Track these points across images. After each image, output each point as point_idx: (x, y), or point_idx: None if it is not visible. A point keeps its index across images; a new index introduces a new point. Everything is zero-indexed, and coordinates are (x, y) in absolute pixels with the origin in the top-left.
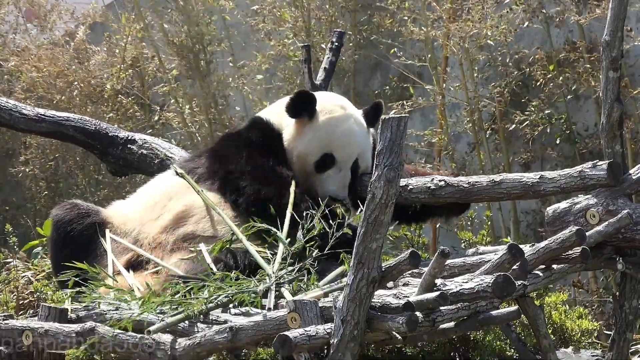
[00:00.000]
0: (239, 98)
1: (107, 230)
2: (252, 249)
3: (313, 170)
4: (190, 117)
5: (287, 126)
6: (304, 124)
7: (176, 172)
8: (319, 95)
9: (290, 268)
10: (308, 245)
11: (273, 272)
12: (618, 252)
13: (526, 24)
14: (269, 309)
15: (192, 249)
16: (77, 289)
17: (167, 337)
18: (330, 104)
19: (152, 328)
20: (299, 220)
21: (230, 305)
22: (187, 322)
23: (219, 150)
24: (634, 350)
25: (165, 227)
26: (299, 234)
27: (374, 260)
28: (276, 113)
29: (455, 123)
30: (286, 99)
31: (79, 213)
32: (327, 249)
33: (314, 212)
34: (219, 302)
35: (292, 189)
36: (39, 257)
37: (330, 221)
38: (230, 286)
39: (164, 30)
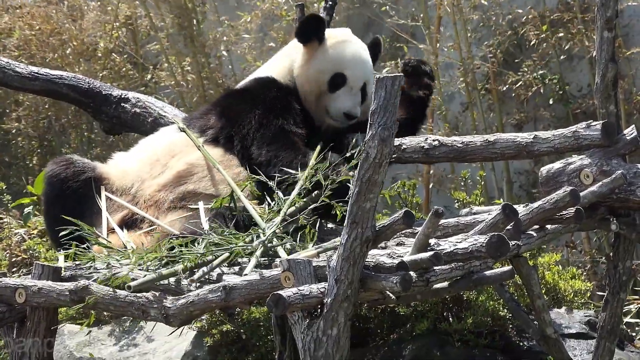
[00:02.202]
0: (231, 57)
1: (102, 188)
2: (250, 206)
3: (326, 89)
4: (181, 76)
5: (294, 60)
6: (314, 48)
7: (179, 127)
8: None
9: (280, 222)
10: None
11: (268, 230)
12: (612, 212)
13: None
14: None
15: (190, 206)
16: (71, 250)
17: (160, 296)
18: (337, 32)
19: (132, 284)
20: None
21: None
22: (174, 280)
23: (229, 110)
24: (627, 310)
25: (165, 185)
26: (297, 189)
27: (367, 219)
28: (276, 67)
29: (448, 83)
30: (281, 52)
31: (75, 170)
32: (319, 200)
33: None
34: (212, 258)
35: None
36: (31, 217)
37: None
38: (226, 243)
39: None
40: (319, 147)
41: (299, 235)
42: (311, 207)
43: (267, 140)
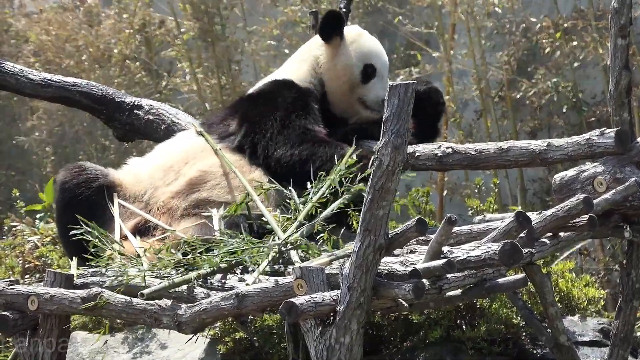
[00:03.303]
0: (249, 64)
1: (114, 195)
2: (266, 210)
3: (359, 81)
4: (201, 81)
5: (318, 60)
6: (337, 44)
7: (197, 131)
8: None
9: (297, 232)
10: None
11: (283, 237)
12: (625, 220)
13: None
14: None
15: (203, 214)
16: (89, 253)
17: (173, 303)
18: (351, 28)
19: (145, 291)
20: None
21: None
22: (186, 288)
23: (249, 114)
24: None
25: (178, 192)
26: (312, 194)
27: (380, 227)
28: (294, 70)
29: (462, 90)
30: (297, 56)
31: (87, 177)
32: (336, 208)
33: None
34: (227, 264)
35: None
36: (41, 223)
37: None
38: (241, 249)
39: None
40: (350, 150)
41: (315, 242)
42: (325, 214)
43: (295, 140)
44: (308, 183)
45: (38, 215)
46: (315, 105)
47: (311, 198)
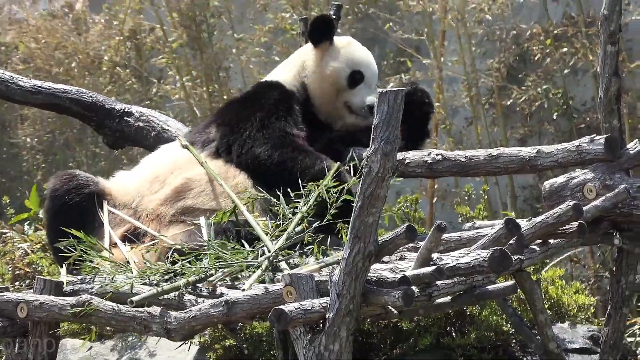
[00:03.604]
0: (238, 71)
1: (104, 202)
2: (253, 220)
3: (345, 86)
4: (189, 89)
5: (305, 63)
6: (325, 49)
7: (182, 144)
8: None
9: (285, 240)
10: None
11: (273, 247)
12: (615, 227)
13: None
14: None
15: (190, 221)
16: (72, 261)
17: (162, 311)
18: (342, 37)
19: (134, 298)
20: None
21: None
22: (176, 295)
23: (230, 118)
24: (631, 332)
25: (165, 199)
26: (301, 205)
27: (370, 234)
28: (283, 73)
29: (452, 97)
30: (287, 61)
31: (77, 184)
32: (325, 219)
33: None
34: (215, 272)
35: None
36: (31, 228)
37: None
38: (231, 257)
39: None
40: (336, 166)
41: (303, 248)
42: (316, 225)
43: (274, 142)
44: (289, 190)
45: (26, 223)
46: (297, 107)
47: (300, 209)
